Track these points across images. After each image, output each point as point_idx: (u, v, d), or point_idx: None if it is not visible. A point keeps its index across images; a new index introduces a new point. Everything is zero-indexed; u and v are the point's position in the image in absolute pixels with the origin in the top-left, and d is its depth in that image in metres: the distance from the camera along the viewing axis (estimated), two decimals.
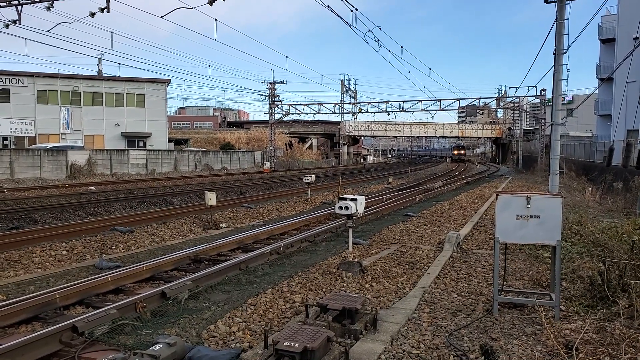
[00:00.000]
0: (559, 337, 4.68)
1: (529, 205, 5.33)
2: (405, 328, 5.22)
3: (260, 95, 53.04)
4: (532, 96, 47.88)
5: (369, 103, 48.09)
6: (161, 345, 4.03)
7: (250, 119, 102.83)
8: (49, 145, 34.99)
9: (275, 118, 50.52)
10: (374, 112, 48.18)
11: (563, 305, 5.65)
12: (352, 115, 56.38)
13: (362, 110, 49.88)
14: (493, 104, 64.87)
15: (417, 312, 5.80)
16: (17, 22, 17.13)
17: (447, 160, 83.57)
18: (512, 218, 5.43)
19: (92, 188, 23.94)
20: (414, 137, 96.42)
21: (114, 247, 10.02)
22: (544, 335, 4.85)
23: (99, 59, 51.27)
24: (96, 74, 50.40)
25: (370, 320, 5.15)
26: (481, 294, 6.52)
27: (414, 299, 6.28)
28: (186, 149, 50.08)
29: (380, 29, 20.96)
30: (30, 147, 34.68)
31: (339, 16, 15.99)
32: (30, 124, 40.39)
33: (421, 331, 5.14)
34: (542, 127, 48.28)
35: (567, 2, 11.71)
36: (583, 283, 5.98)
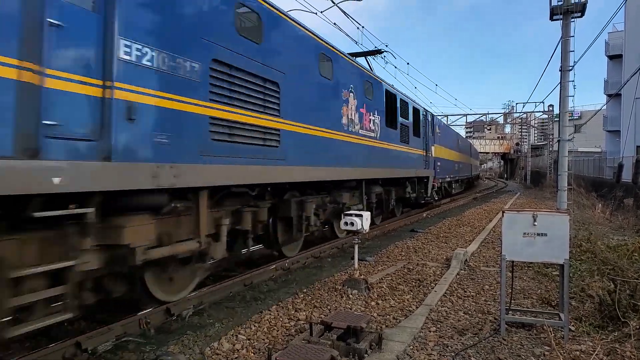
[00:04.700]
0: (568, 358, 4.59)
1: (536, 223, 5.28)
2: (411, 347, 5.15)
3: None
4: (539, 112, 47.84)
5: None
6: None
7: None
8: None
9: None
10: None
11: (572, 326, 5.56)
12: None
13: None
14: (500, 120, 64.86)
15: (423, 330, 5.72)
16: None
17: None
18: (518, 236, 5.37)
19: None
20: None
21: None
22: (553, 356, 4.75)
23: None
24: None
25: (375, 339, 5.08)
26: (488, 312, 6.43)
27: (420, 317, 6.20)
28: None
29: (386, 45, 21.12)
30: None
31: (346, 34, 16.11)
32: None
33: (427, 351, 5.06)
34: (550, 143, 48.13)
35: (572, 19, 11.72)
36: (593, 302, 5.89)
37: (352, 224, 7.78)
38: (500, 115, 53.92)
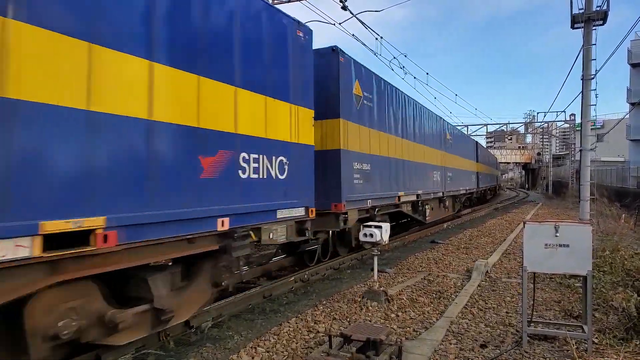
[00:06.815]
0: None
1: (558, 234, 5.20)
2: None
3: None
4: (561, 121, 47.22)
5: None
6: None
7: None
8: None
9: None
10: None
11: (596, 338, 5.44)
12: None
13: None
14: (521, 129, 64.12)
15: (443, 343, 5.66)
16: None
17: None
18: (540, 247, 5.30)
19: None
20: None
21: None
22: None
23: None
24: None
25: (395, 351, 5.04)
26: (510, 324, 6.34)
27: (440, 330, 6.14)
28: None
29: (405, 55, 21.18)
30: None
31: (364, 44, 16.18)
32: None
33: None
34: (572, 152, 47.39)
35: (593, 27, 11.61)
36: (616, 314, 5.77)
37: (371, 235, 7.76)
38: (521, 125, 53.27)
